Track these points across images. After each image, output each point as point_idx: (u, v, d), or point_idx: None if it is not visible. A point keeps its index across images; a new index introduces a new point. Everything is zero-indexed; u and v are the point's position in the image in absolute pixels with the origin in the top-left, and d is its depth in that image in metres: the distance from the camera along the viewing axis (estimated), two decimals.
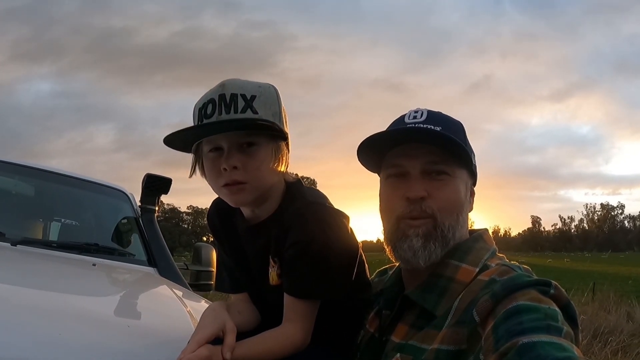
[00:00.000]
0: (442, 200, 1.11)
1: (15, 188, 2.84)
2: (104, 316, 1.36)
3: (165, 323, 1.46)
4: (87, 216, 2.97)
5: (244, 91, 1.17)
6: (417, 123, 1.14)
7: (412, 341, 1.07)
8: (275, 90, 1.23)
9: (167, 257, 2.62)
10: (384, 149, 1.18)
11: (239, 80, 1.21)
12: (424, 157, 1.12)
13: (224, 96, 1.16)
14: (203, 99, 1.20)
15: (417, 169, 1.12)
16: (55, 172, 2.85)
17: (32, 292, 1.43)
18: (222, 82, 1.19)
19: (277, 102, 1.22)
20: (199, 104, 1.20)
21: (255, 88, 1.19)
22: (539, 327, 0.85)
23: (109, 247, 2.49)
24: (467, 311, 0.99)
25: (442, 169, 1.12)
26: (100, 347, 1.12)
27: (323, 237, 1.17)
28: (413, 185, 1.11)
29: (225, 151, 1.17)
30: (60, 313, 1.27)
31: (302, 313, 1.20)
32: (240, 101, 1.16)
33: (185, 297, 1.91)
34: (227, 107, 1.16)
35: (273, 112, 1.20)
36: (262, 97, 1.18)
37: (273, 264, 1.25)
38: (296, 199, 1.24)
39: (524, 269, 1.07)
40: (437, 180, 1.12)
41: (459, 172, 1.14)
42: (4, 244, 2.08)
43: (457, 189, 1.13)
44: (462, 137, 1.15)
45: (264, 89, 1.20)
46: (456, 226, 1.12)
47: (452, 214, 1.12)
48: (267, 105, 1.19)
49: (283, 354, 1.18)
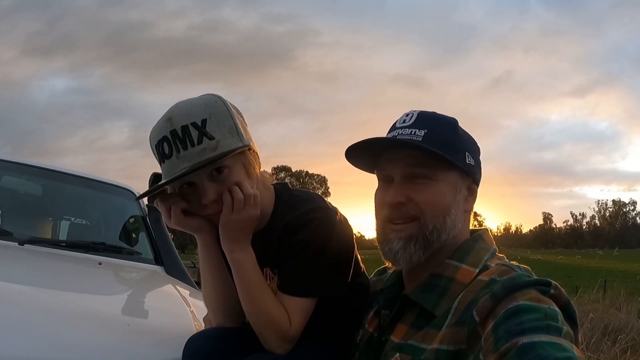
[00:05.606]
0: (424, 204, 1.11)
1: (23, 188, 2.87)
2: (105, 315, 1.37)
3: (166, 322, 1.47)
4: (94, 215, 3.00)
5: (192, 118, 1.15)
6: (404, 127, 1.14)
7: (412, 341, 1.07)
8: (222, 102, 1.21)
9: (174, 256, 2.64)
10: (374, 152, 1.19)
11: (183, 106, 1.18)
12: (405, 161, 1.12)
13: (175, 132, 1.15)
14: (155, 134, 1.19)
15: (399, 174, 1.13)
16: (63, 172, 2.88)
17: (35, 290, 1.45)
18: (167, 116, 1.17)
19: (228, 115, 1.20)
20: (154, 140, 1.19)
21: (201, 110, 1.17)
22: (539, 327, 0.84)
23: (116, 246, 2.51)
24: (467, 311, 0.99)
25: (422, 173, 1.11)
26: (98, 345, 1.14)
27: (323, 238, 1.19)
28: (392, 191, 1.12)
29: (199, 187, 1.18)
30: (61, 312, 1.28)
31: (297, 310, 1.20)
32: (193, 131, 1.14)
33: (190, 296, 1.92)
34: (183, 142, 1.14)
35: (229, 127, 1.18)
36: (212, 117, 1.17)
37: (273, 275, 1.26)
38: (292, 205, 1.25)
39: (524, 269, 1.07)
40: (418, 184, 1.12)
41: (443, 174, 1.12)
42: (12, 243, 2.11)
43: (439, 191, 1.12)
44: (450, 137, 1.14)
45: (211, 107, 1.18)
46: (442, 228, 1.11)
47: (437, 217, 1.11)
48: (220, 125, 1.17)
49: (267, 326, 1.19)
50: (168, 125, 1.16)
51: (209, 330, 1.32)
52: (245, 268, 1.21)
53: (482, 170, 1.22)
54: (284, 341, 1.19)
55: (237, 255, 1.21)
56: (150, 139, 1.21)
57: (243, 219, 1.19)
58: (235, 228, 1.19)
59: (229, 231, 1.20)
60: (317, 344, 1.25)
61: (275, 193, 1.29)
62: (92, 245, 2.34)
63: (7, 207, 2.75)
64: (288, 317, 1.19)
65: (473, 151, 1.18)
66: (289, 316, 1.19)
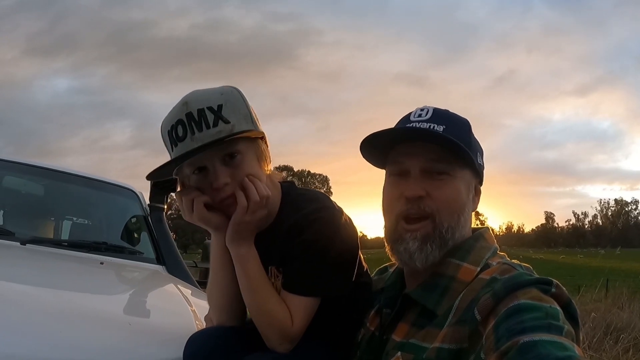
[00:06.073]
0: (442, 201, 1.10)
1: (25, 188, 2.87)
2: (107, 314, 1.38)
3: (168, 321, 1.47)
4: (96, 215, 3.00)
5: (209, 103, 1.16)
6: (421, 121, 1.13)
7: (413, 340, 1.07)
8: (238, 91, 1.23)
9: (176, 255, 2.65)
10: (387, 146, 1.18)
11: (200, 93, 1.20)
12: (424, 156, 1.11)
13: (191, 114, 1.15)
14: (169, 120, 1.19)
15: (417, 168, 1.11)
16: (65, 172, 2.88)
17: (37, 290, 1.45)
18: (184, 100, 1.18)
19: (244, 104, 1.22)
20: (167, 126, 1.19)
21: (218, 96, 1.18)
22: (540, 326, 0.84)
23: (118, 246, 2.52)
24: (468, 310, 0.99)
25: (442, 169, 1.10)
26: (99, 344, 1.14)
27: (328, 238, 1.20)
28: (412, 184, 1.10)
29: (210, 171, 1.18)
30: (63, 311, 1.29)
31: (300, 309, 1.20)
32: (209, 115, 1.15)
33: (191, 295, 1.92)
34: (198, 125, 1.15)
35: (243, 115, 1.20)
36: (228, 103, 1.18)
37: (277, 274, 1.26)
38: (298, 205, 1.25)
39: (525, 267, 1.07)
40: (437, 179, 1.10)
41: (460, 172, 1.12)
42: (14, 242, 2.11)
43: (457, 189, 1.12)
44: (465, 136, 1.14)
45: (227, 95, 1.20)
46: (456, 227, 1.11)
47: (453, 215, 1.11)
48: (235, 111, 1.18)
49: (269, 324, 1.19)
50: (184, 109, 1.16)
51: (210, 329, 1.32)
52: (251, 265, 1.21)
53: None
54: (286, 340, 1.19)
55: (243, 251, 1.21)
56: (162, 127, 1.21)
57: (256, 219, 1.20)
58: (247, 228, 1.20)
59: (240, 231, 1.20)
60: (318, 342, 1.25)
61: (282, 191, 1.29)
62: (94, 244, 2.35)
63: (9, 207, 2.76)
64: (290, 316, 1.19)
65: (481, 153, 1.19)
66: (292, 315, 1.19)
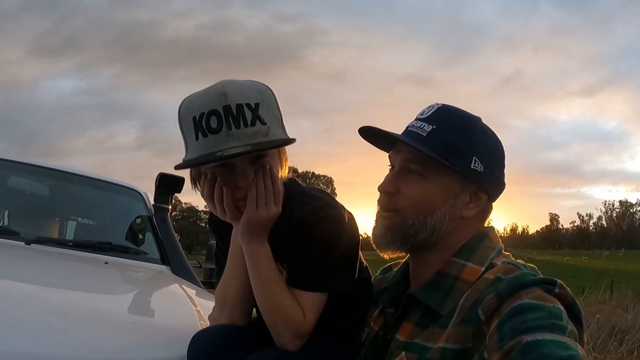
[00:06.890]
0: (408, 199, 1.13)
1: (30, 188, 2.89)
2: (112, 313, 1.38)
3: (172, 321, 1.48)
4: (101, 215, 3.01)
5: (248, 99, 1.13)
6: (419, 119, 1.16)
7: (417, 340, 1.07)
8: (272, 92, 1.21)
9: (180, 255, 2.65)
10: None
11: (237, 86, 1.15)
12: (404, 155, 1.15)
13: (229, 108, 1.11)
14: (199, 105, 1.14)
15: (398, 165, 1.17)
16: (69, 172, 2.89)
17: (42, 290, 1.46)
18: (221, 90, 1.13)
19: (277, 106, 1.20)
20: (194, 111, 1.14)
21: (255, 94, 1.15)
22: (543, 325, 0.84)
23: (123, 246, 2.51)
24: (473, 310, 0.99)
25: (414, 169, 1.13)
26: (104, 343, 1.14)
27: (335, 235, 1.20)
28: (387, 180, 1.17)
29: (238, 169, 1.17)
30: (67, 310, 1.29)
31: (310, 305, 1.20)
32: (247, 112, 1.12)
33: (196, 296, 1.93)
34: (236, 121, 1.11)
35: (276, 118, 1.18)
36: (264, 103, 1.15)
37: (282, 269, 1.26)
38: (303, 200, 1.25)
39: (530, 267, 1.07)
40: (410, 179, 1.14)
41: (437, 176, 1.12)
42: (18, 242, 2.12)
43: (426, 190, 1.12)
44: (456, 139, 1.12)
45: (264, 94, 1.17)
46: (420, 227, 1.12)
47: (418, 215, 1.12)
48: (270, 113, 1.17)
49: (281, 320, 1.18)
50: (222, 100, 1.12)
51: (214, 327, 1.32)
52: (263, 261, 1.21)
53: (502, 180, 1.19)
54: (298, 336, 1.19)
55: (255, 247, 1.20)
56: (185, 109, 1.16)
57: (272, 215, 1.19)
58: (261, 224, 1.19)
59: (253, 226, 1.19)
60: (323, 340, 1.25)
61: (285, 188, 1.29)
62: (98, 245, 2.35)
63: (14, 207, 2.78)
64: (302, 312, 1.19)
65: (485, 157, 1.13)
66: (304, 311, 1.19)
